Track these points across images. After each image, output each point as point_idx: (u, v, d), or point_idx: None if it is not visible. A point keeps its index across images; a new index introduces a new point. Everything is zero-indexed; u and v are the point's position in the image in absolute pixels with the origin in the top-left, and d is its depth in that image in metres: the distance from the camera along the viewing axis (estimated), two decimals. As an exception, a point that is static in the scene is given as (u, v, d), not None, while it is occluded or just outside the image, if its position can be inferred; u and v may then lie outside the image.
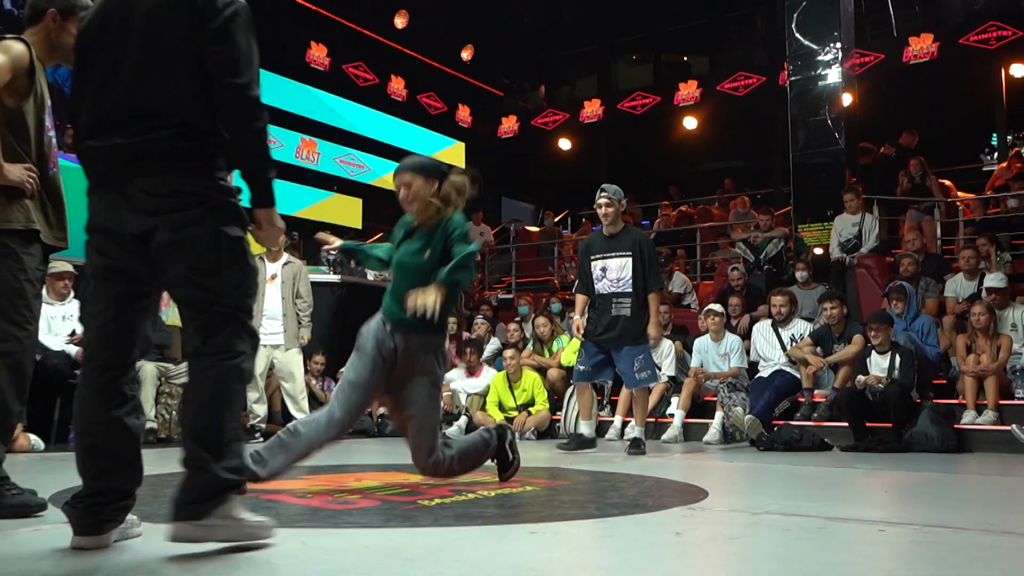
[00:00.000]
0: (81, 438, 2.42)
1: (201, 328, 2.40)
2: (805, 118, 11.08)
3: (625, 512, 3.17)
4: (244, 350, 2.39)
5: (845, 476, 4.79)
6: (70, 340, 6.73)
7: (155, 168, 2.36)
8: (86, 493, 2.37)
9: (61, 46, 3.25)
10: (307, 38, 14.69)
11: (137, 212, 2.35)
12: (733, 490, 4.15)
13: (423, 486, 3.92)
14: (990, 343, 6.83)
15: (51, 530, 2.67)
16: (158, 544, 2.42)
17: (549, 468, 5.00)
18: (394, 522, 2.91)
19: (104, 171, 2.41)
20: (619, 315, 6.05)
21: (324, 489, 3.78)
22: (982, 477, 4.89)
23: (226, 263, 2.38)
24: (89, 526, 2.36)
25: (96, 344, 2.44)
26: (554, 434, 7.89)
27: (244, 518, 2.35)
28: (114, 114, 2.40)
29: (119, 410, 2.40)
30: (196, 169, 2.40)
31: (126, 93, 2.39)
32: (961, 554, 2.46)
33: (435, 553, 2.38)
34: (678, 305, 10.56)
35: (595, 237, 6.56)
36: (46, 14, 3.23)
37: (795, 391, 7.38)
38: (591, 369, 6.24)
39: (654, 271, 6.18)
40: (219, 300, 2.37)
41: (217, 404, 2.35)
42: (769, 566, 2.27)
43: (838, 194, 10.14)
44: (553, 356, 8.59)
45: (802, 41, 11.18)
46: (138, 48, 2.39)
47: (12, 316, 2.98)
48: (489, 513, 3.11)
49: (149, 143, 2.35)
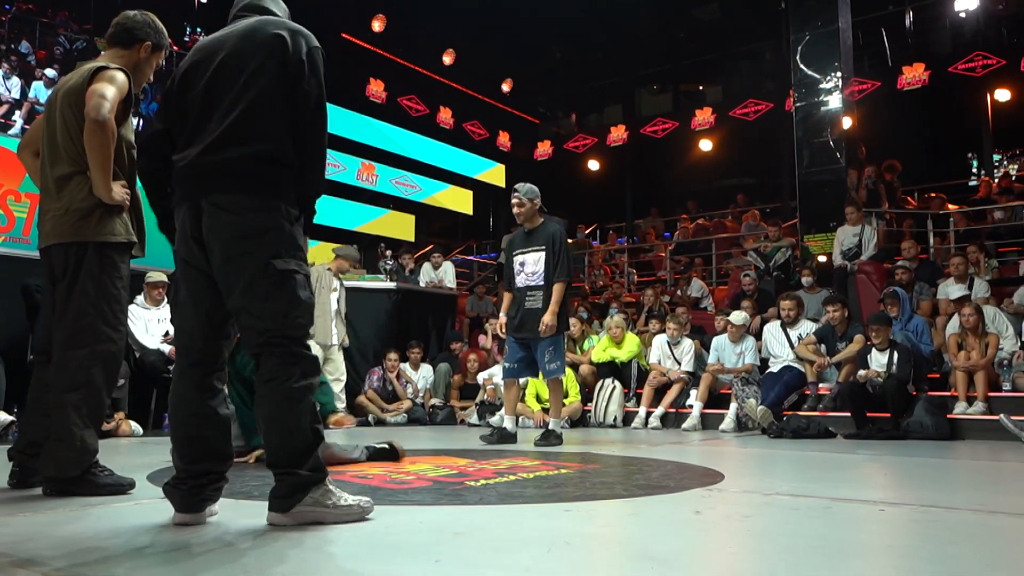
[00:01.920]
0: (177, 428, 2.42)
1: (253, 356, 2.39)
2: (809, 140, 11.07)
3: (650, 492, 3.15)
4: (293, 374, 2.31)
5: (848, 461, 4.73)
6: (164, 340, 6.85)
7: (228, 186, 2.34)
8: (184, 476, 2.38)
9: (142, 74, 3.26)
10: (367, 75, 14.86)
11: (206, 225, 2.34)
12: (747, 473, 4.11)
13: (470, 469, 3.93)
14: (979, 341, 6.78)
15: (148, 505, 2.71)
16: (240, 520, 2.47)
17: (581, 453, 4.99)
18: (444, 500, 2.91)
19: (188, 187, 2.40)
20: (531, 308, 5.60)
21: (382, 471, 3.81)
22: (973, 462, 4.80)
23: (273, 293, 2.31)
24: (189, 504, 2.38)
25: (188, 343, 2.45)
26: (586, 423, 7.87)
27: (331, 504, 2.34)
28: (202, 138, 2.40)
29: (211, 402, 2.42)
30: (265, 193, 2.36)
31: (215, 121, 2.39)
32: (954, 531, 2.43)
33: (481, 528, 2.39)
34: (696, 308, 10.52)
35: (517, 234, 5.97)
36: (141, 45, 3.23)
37: (802, 385, 7.33)
38: (517, 366, 5.74)
39: (563, 263, 5.60)
40: (267, 329, 2.32)
41: (281, 427, 2.31)
42: (780, 541, 2.25)
43: (839, 207, 10.11)
44: (584, 353, 8.58)
45: (806, 71, 11.14)
46: (227, 81, 2.40)
47: (109, 319, 3.03)
48: (529, 493, 3.11)
49: (228, 164, 2.35)
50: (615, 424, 7.74)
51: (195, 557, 1.99)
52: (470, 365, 8.83)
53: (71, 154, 3.07)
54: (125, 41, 3.22)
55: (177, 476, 2.40)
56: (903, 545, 2.29)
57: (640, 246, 15.58)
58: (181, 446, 2.41)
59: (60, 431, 2.89)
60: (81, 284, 2.99)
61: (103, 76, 3.00)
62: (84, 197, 3.03)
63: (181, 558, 1.98)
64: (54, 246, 3.06)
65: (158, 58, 3.31)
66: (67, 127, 3.08)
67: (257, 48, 2.41)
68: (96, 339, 2.98)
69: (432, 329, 10.08)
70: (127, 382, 6.35)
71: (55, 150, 3.11)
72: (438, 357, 9.42)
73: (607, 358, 8.19)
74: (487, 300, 11.57)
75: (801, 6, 11.48)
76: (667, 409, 7.69)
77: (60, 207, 3.06)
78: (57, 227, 3.05)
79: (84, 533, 2.30)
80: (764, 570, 1.93)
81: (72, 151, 3.07)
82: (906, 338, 6.96)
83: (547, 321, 5.48)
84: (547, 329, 5.48)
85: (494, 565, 1.90)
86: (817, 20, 11.22)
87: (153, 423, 6.72)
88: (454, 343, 9.65)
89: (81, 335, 2.96)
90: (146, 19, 3.27)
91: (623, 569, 1.95)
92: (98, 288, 3.01)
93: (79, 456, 2.91)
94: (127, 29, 3.23)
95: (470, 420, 8.02)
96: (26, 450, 3.11)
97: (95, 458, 2.98)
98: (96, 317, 2.99)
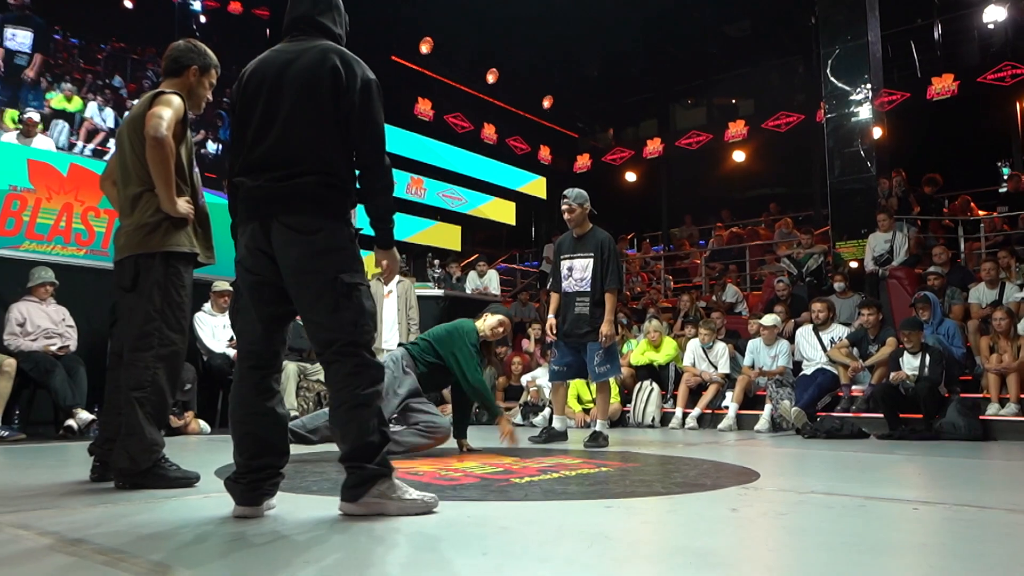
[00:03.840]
0: (237, 427, 2.46)
1: (325, 364, 2.43)
2: (840, 150, 10.90)
3: (687, 490, 3.12)
4: (363, 381, 2.37)
5: (881, 461, 4.63)
6: (229, 344, 6.97)
7: (299, 208, 2.38)
8: (244, 471, 2.42)
9: (196, 97, 3.37)
10: (415, 94, 14.98)
11: (277, 244, 2.38)
12: (782, 472, 4.04)
13: (515, 467, 3.93)
14: (1011, 344, 6.59)
15: (216, 497, 2.76)
16: (298, 513, 2.50)
17: (621, 452, 4.96)
18: (491, 496, 2.92)
19: (255, 207, 2.43)
20: (580, 313, 5.47)
21: (431, 468, 3.83)
22: (1006, 462, 4.66)
23: (345, 305, 2.36)
24: (249, 498, 2.42)
25: (248, 347, 2.48)
26: (625, 423, 7.82)
27: (395, 496, 2.39)
28: (266, 159, 2.43)
29: (269, 402, 2.46)
30: (331, 214, 2.41)
31: (277, 142, 2.43)
32: (988, 530, 2.36)
33: (526, 522, 2.39)
34: (730, 313, 10.40)
35: (565, 238, 5.78)
36: (188, 70, 3.33)
37: (835, 387, 7.21)
38: (564, 369, 5.64)
39: (613, 271, 5.45)
40: (338, 339, 2.37)
41: (353, 430, 2.37)
42: (815, 539, 2.21)
43: (870, 215, 9.94)
44: (623, 357, 8.52)
45: (836, 83, 10.98)
46: (289, 105, 2.43)
47: (173, 324, 3.12)
48: (571, 490, 3.10)
49: (296, 187, 2.38)
50: (653, 424, 7.69)
51: (254, 547, 2.02)
52: (514, 368, 8.85)
53: (139, 175, 3.20)
54: (175, 70, 3.35)
55: (237, 471, 2.45)
56: (937, 543, 2.23)
57: (675, 254, 15.46)
58: (241, 443, 2.45)
59: (131, 426, 2.99)
60: (148, 291, 3.10)
61: (160, 100, 3.15)
62: (153, 212, 3.16)
63: (241, 547, 2.01)
64: (126, 258, 3.19)
65: (209, 78, 3.41)
66: (134, 151, 3.22)
67: (317, 77, 2.43)
68: (161, 342, 3.08)
69: (478, 334, 10.09)
70: (195, 384, 6.49)
71: (126, 173, 3.26)
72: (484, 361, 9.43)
73: (645, 361, 8.14)
74: (530, 306, 11.55)
75: (831, 21, 11.31)
76: (704, 410, 7.61)
77: (132, 223, 3.20)
78: (129, 241, 3.18)
79: (155, 522, 2.36)
80: (799, 566, 1.90)
81: (140, 172, 3.19)
82: (937, 341, 6.82)
83: (605, 332, 5.35)
84: (607, 340, 5.37)
85: (539, 557, 1.90)
86: (847, 34, 11.05)
87: (220, 422, 6.84)
88: (499, 347, 9.66)
89: (147, 338, 3.06)
90: (189, 45, 3.38)
91: (662, 563, 1.93)
92: (163, 295, 3.11)
93: (148, 448, 3.00)
94: (174, 59, 3.35)
95: (514, 420, 8.02)
96: (104, 445, 3.21)
97: (162, 451, 3.06)
98: (161, 322, 3.09)
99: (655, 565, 1.93)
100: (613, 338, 5.44)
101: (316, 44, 2.52)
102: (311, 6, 2.60)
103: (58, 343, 5.96)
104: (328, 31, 2.60)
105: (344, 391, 2.37)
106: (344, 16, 2.69)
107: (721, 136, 16.58)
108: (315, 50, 2.49)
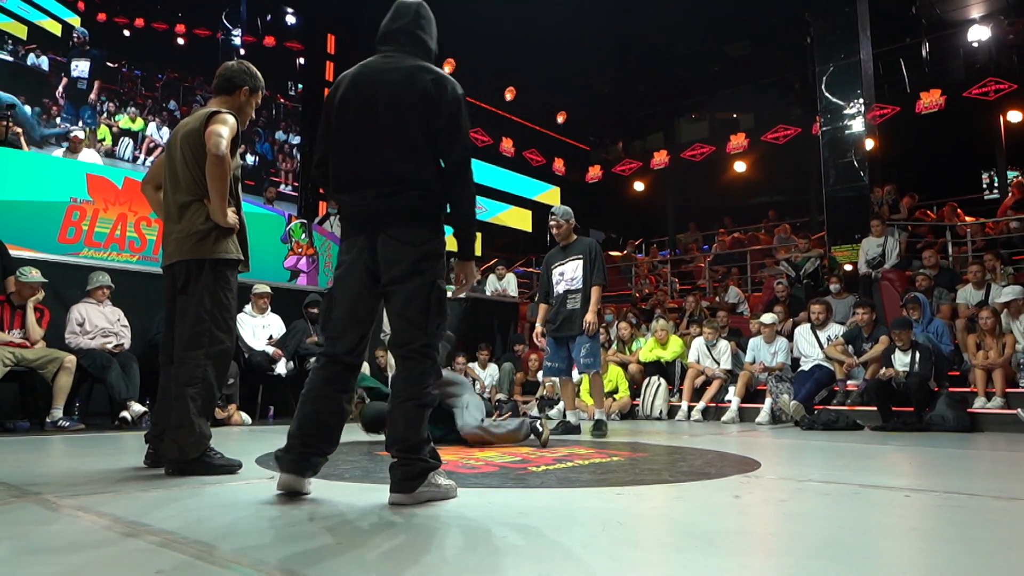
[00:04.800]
0: (305, 404, 2.48)
1: (400, 359, 2.44)
2: (835, 160, 10.85)
3: (693, 478, 3.11)
4: (429, 383, 2.41)
5: (875, 451, 4.58)
6: (268, 343, 7.01)
7: (404, 221, 2.39)
8: (296, 443, 2.45)
9: (243, 115, 3.33)
10: (439, 112, 15.03)
11: (384, 254, 2.40)
12: (782, 462, 4.01)
13: (532, 456, 3.93)
14: (996, 341, 6.52)
15: (257, 484, 2.79)
16: (333, 498, 2.51)
17: (630, 443, 4.95)
18: (509, 484, 2.91)
19: (362, 221, 2.45)
20: (572, 308, 5.52)
21: (454, 458, 3.83)
22: (992, 452, 4.60)
23: (435, 309, 2.40)
24: (297, 467, 2.45)
25: (335, 351, 2.50)
26: (634, 416, 7.80)
27: (440, 483, 2.43)
28: (362, 175, 2.43)
29: (339, 393, 2.49)
30: (431, 226, 2.43)
31: (373, 159, 2.42)
32: (974, 516, 2.33)
33: (542, 508, 2.38)
34: (733, 312, 10.34)
35: (554, 251, 5.83)
36: (240, 90, 3.31)
37: (831, 382, 7.15)
38: (559, 364, 5.68)
39: (599, 269, 5.51)
40: (419, 338, 2.39)
41: (411, 431, 2.38)
42: (813, 523, 2.19)
43: (863, 221, 9.87)
44: (632, 354, 8.51)
45: (831, 98, 10.93)
46: (382, 123, 2.42)
47: (221, 325, 3.12)
48: (584, 478, 3.09)
49: (401, 201, 2.39)
50: (661, 417, 7.66)
51: (293, 527, 2.03)
52: (531, 364, 8.85)
53: (189, 185, 3.17)
54: (227, 89, 3.31)
55: (289, 443, 2.47)
56: (927, 528, 2.21)
57: (681, 258, 15.39)
58: (304, 420, 2.47)
59: (182, 418, 3.00)
60: (199, 295, 3.09)
61: (217, 119, 3.11)
62: (203, 221, 3.13)
63: (281, 527, 2.02)
64: (177, 263, 3.16)
65: (256, 99, 3.39)
66: (186, 162, 3.18)
67: (410, 96, 2.41)
68: (211, 341, 3.08)
69: (497, 333, 10.14)
70: (238, 379, 6.53)
71: (176, 181, 3.22)
72: (503, 357, 9.44)
73: (653, 358, 8.11)
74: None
75: (825, 41, 11.26)
76: (708, 404, 7.58)
77: (181, 229, 3.16)
78: (180, 247, 3.15)
79: (203, 506, 2.37)
80: (799, 548, 1.89)
81: (190, 182, 3.17)
82: (927, 339, 6.76)
83: (589, 319, 5.41)
84: (591, 327, 5.41)
85: (555, 541, 1.90)
86: (840, 53, 10.99)
87: (260, 414, 6.89)
88: (517, 345, 9.66)
89: (198, 338, 3.07)
90: (241, 67, 3.35)
91: (670, 546, 1.93)
92: (212, 298, 3.11)
93: (198, 440, 3.01)
94: (227, 78, 3.31)
95: (531, 413, 8.02)
96: (158, 435, 3.22)
97: (209, 442, 3.08)
98: (210, 323, 3.09)
99: (664, 548, 1.92)
100: (596, 326, 5.47)
101: (410, 63, 2.49)
102: (411, 20, 2.58)
103: (114, 341, 6.02)
104: (424, 45, 2.58)
105: (415, 388, 2.39)
106: (435, 30, 2.66)
107: (723, 148, 16.48)
108: (408, 68, 2.46)
